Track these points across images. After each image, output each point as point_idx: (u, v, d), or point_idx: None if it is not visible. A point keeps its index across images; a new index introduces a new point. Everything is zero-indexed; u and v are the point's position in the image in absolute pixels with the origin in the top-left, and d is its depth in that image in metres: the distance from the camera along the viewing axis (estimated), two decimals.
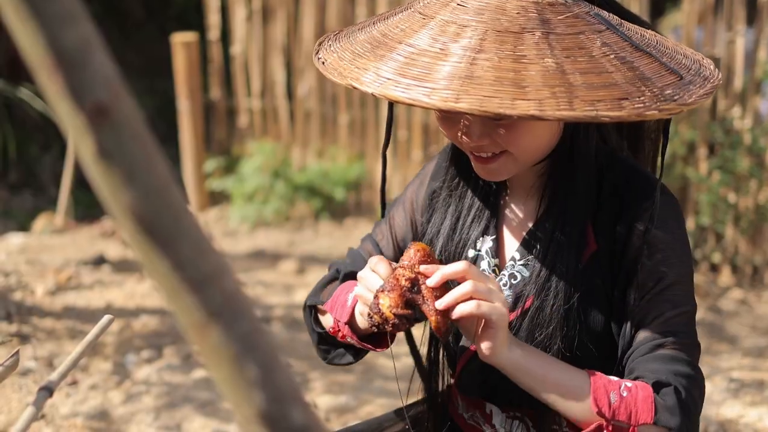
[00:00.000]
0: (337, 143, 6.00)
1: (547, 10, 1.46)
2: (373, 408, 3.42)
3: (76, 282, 4.53)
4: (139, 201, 0.66)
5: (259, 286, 4.70)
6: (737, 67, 4.88)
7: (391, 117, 1.79)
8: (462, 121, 1.55)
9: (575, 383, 1.53)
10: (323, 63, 1.53)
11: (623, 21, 1.56)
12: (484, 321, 1.50)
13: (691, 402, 1.53)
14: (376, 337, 1.70)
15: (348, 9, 5.74)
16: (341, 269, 1.83)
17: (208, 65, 6.20)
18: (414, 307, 1.52)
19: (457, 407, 1.82)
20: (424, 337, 1.88)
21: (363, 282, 1.58)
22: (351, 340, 1.70)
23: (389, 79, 1.40)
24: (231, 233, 5.74)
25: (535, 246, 1.65)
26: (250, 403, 0.71)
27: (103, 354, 3.76)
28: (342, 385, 3.64)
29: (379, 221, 1.90)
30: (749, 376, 3.79)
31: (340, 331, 1.71)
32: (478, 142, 1.54)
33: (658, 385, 1.52)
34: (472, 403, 1.77)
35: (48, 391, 1.14)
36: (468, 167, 1.68)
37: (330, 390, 3.59)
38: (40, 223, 5.84)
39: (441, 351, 1.84)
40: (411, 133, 5.75)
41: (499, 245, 1.71)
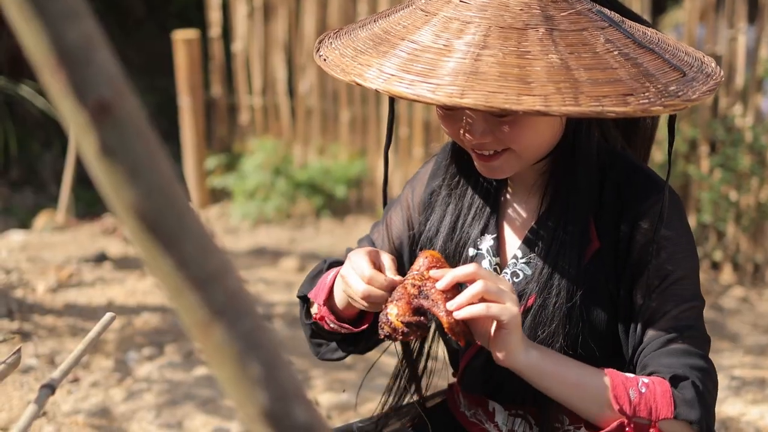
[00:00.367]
0: (338, 140, 6.00)
1: (550, 7, 1.46)
2: (375, 406, 3.42)
3: (77, 279, 4.53)
4: (142, 198, 0.66)
5: (260, 284, 4.70)
6: (739, 64, 4.87)
7: (392, 116, 1.78)
8: (464, 118, 1.54)
9: (594, 382, 1.52)
10: (325, 60, 1.52)
11: (624, 19, 1.55)
12: (496, 323, 1.49)
13: (707, 394, 1.52)
14: (355, 319, 1.69)
15: (349, 6, 5.74)
16: (328, 260, 1.82)
17: (209, 62, 6.19)
18: (424, 313, 1.49)
19: (459, 405, 1.82)
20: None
21: (344, 280, 1.57)
22: (330, 323, 1.69)
23: (393, 75, 1.40)
24: (232, 230, 5.74)
25: (538, 244, 1.64)
26: (253, 401, 0.71)
27: (104, 351, 3.75)
28: (343, 383, 3.64)
29: (376, 222, 1.89)
30: (751, 374, 3.79)
31: (322, 318, 1.69)
32: (481, 139, 1.53)
33: (675, 379, 1.51)
34: (475, 401, 1.77)
35: (50, 388, 1.14)
36: (468, 166, 1.68)
37: (331, 388, 3.59)
38: (42, 220, 5.83)
39: (444, 348, 1.84)
40: (412, 131, 5.74)
41: (500, 244, 1.71)
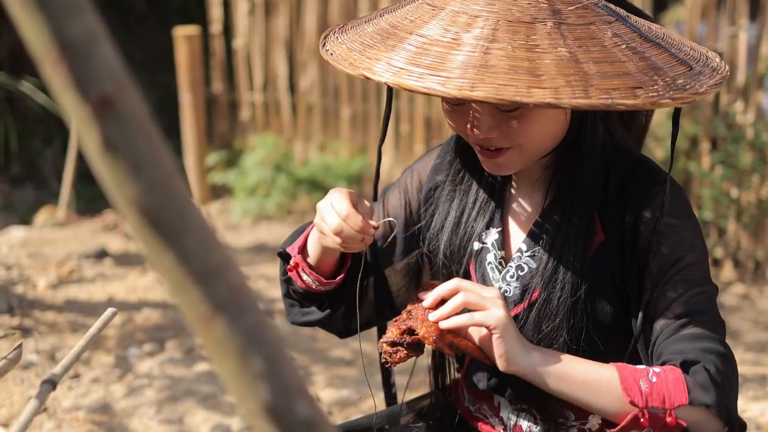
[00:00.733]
0: (339, 137, 6.00)
1: (557, 1, 1.46)
2: (376, 401, 3.42)
3: (78, 275, 4.53)
4: (144, 193, 0.66)
5: (261, 280, 4.70)
6: (740, 61, 4.87)
7: (388, 113, 1.78)
8: (471, 113, 1.54)
9: (602, 377, 1.51)
10: (332, 54, 1.52)
11: (629, 14, 1.56)
12: (487, 330, 1.51)
13: (722, 377, 1.49)
14: (329, 275, 1.72)
15: (350, 2, 5.73)
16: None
17: (210, 59, 6.19)
18: (414, 333, 1.57)
19: (463, 400, 1.82)
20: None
21: (319, 212, 1.59)
22: (303, 273, 1.70)
23: (402, 68, 1.40)
24: (233, 227, 5.74)
25: (542, 237, 1.64)
26: (255, 397, 0.71)
27: (105, 347, 3.76)
28: (344, 379, 3.64)
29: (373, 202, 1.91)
30: (751, 370, 3.79)
31: (296, 266, 1.71)
32: (488, 134, 1.53)
33: (686, 365, 1.50)
34: (480, 396, 1.77)
35: (51, 384, 1.14)
36: (473, 160, 1.68)
37: (332, 384, 3.59)
38: (42, 216, 5.83)
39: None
40: (413, 127, 5.74)
41: (505, 237, 1.71)
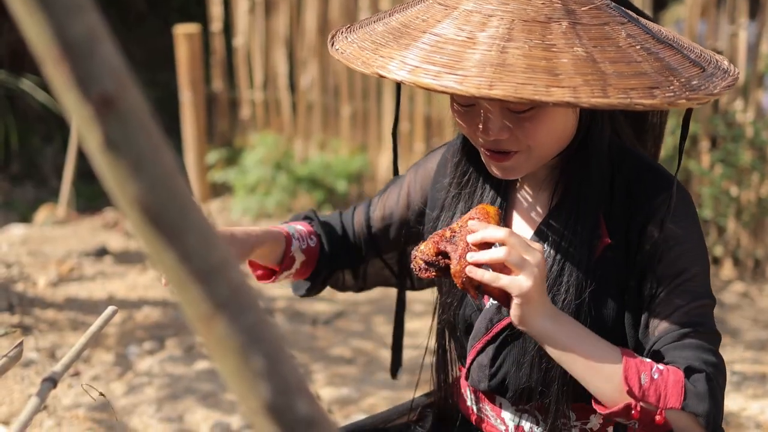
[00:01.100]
0: (339, 135, 6.00)
1: (570, 1, 1.46)
2: (376, 400, 3.43)
3: (78, 273, 4.53)
4: (145, 191, 0.66)
5: None
6: (740, 60, 4.87)
7: (398, 100, 1.81)
8: (482, 114, 1.53)
9: (607, 361, 1.51)
10: (342, 53, 1.51)
11: (638, 16, 1.56)
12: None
13: (718, 390, 1.52)
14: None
15: (350, 0, 5.73)
16: (309, 215, 1.98)
17: (211, 57, 6.19)
18: (447, 257, 1.53)
19: (465, 400, 1.82)
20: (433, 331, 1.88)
21: None
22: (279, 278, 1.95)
23: (417, 66, 1.39)
24: (233, 225, 5.74)
25: (548, 239, 1.64)
26: (255, 395, 0.71)
27: (105, 345, 3.76)
28: (344, 377, 3.64)
29: (379, 191, 1.97)
30: (751, 369, 3.79)
31: (265, 277, 1.93)
32: (498, 136, 1.53)
33: (689, 371, 1.51)
34: (482, 396, 1.77)
35: (52, 382, 1.14)
36: (479, 163, 1.68)
37: (332, 382, 3.60)
38: (42, 214, 5.84)
39: (450, 343, 1.83)
40: (413, 126, 5.74)
41: None
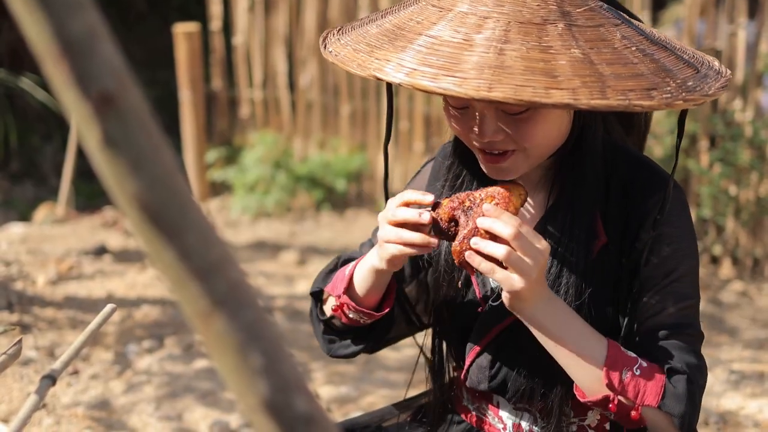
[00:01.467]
0: (338, 134, 6.00)
1: (566, 3, 1.46)
2: (374, 399, 3.43)
3: (77, 272, 4.53)
4: (144, 190, 0.66)
5: (261, 277, 4.70)
6: (739, 59, 4.87)
7: (391, 111, 1.76)
8: (475, 116, 1.53)
9: (592, 352, 1.52)
10: (336, 56, 1.50)
11: (631, 18, 1.56)
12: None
13: (697, 392, 1.54)
14: (375, 308, 1.70)
15: (350, 0, 5.74)
16: (342, 256, 1.83)
17: (210, 56, 6.19)
18: (457, 224, 1.53)
19: (461, 399, 1.82)
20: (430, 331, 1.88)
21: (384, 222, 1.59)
22: (349, 312, 1.69)
23: (415, 69, 1.38)
24: (232, 224, 5.74)
25: (545, 238, 1.63)
26: (254, 392, 0.72)
27: (104, 344, 3.76)
28: (343, 376, 3.65)
29: (377, 228, 1.88)
30: (749, 368, 3.80)
31: (341, 307, 1.70)
32: (493, 138, 1.52)
33: (671, 371, 1.53)
34: (479, 395, 1.77)
35: (51, 379, 1.15)
36: (472, 164, 1.67)
37: (331, 380, 3.60)
38: (42, 213, 5.84)
39: (445, 346, 1.83)
40: (412, 124, 5.74)
41: None
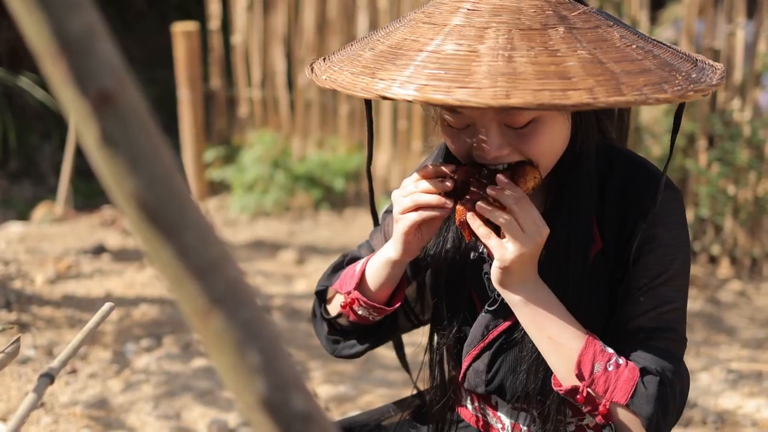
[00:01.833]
0: (337, 133, 6.00)
1: (561, 8, 1.45)
2: (373, 398, 3.43)
3: (75, 271, 4.53)
4: (143, 188, 0.67)
5: (259, 276, 4.70)
6: (737, 59, 4.87)
7: (371, 131, 1.73)
8: (477, 134, 1.51)
9: (568, 342, 1.53)
10: (334, 81, 1.45)
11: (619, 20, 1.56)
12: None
13: (671, 397, 1.52)
14: (386, 302, 1.70)
15: (349, 0, 5.74)
16: (348, 255, 1.82)
17: (209, 55, 6.19)
18: (468, 185, 1.53)
19: (460, 398, 1.81)
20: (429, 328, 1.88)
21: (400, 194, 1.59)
22: (359, 308, 1.68)
23: (425, 84, 1.34)
24: (231, 223, 5.74)
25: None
26: (251, 390, 0.72)
27: (102, 343, 3.76)
28: (341, 375, 3.65)
29: (374, 229, 1.87)
30: (747, 367, 3.80)
31: (351, 303, 1.68)
32: (498, 152, 1.50)
33: (645, 372, 1.52)
34: (478, 396, 1.76)
35: (49, 377, 1.15)
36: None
37: (329, 379, 3.60)
38: (40, 212, 5.84)
39: (444, 350, 1.82)
40: (411, 124, 5.74)
41: None
